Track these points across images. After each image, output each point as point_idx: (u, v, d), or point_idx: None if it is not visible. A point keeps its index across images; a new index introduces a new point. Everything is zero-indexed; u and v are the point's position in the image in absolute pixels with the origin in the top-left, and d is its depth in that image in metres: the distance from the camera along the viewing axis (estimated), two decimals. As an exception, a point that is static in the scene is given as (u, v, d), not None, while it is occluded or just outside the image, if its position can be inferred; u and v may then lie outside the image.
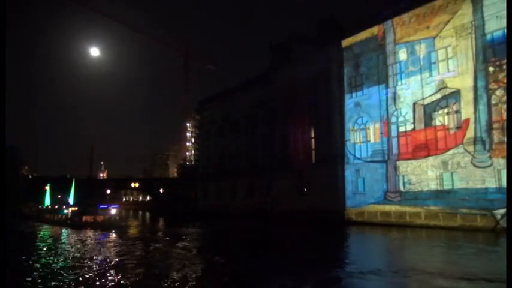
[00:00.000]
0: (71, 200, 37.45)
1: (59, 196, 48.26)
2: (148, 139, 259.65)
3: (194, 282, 10.43)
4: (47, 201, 43.43)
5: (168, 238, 23.44)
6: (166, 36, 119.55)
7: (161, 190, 73.13)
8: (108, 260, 14.31)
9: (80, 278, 10.98)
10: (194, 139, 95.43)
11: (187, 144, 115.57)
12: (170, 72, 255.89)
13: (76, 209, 32.39)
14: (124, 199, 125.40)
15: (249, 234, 26.60)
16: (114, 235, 24.62)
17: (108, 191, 71.29)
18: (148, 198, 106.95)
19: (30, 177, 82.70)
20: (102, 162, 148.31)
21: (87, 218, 30.49)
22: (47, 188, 44.53)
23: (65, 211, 33.41)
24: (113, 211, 34.90)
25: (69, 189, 42.13)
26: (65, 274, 11.70)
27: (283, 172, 37.93)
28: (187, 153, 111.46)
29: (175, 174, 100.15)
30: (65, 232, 27.54)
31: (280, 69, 39.50)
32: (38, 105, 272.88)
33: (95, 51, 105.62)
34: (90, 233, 25.98)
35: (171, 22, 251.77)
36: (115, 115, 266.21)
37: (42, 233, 28.28)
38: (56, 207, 39.93)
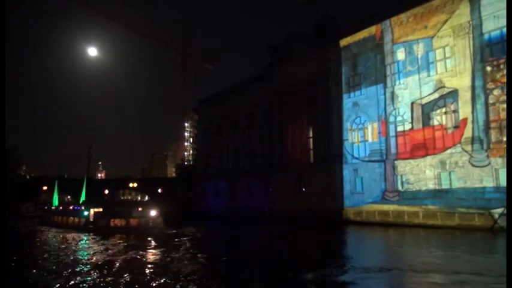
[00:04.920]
0: (81, 200, 34.85)
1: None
2: (147, 139, 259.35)
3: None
4: (55, 201, 41.38)
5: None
6: (164, 35, 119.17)
7: (159, 190, 73.06)
8: None
9: None
10: (192, 139, 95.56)
11: (186, 144, 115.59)
12: (168, 72, 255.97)
13: (101, 210, 26.72)
14: (122, 199, 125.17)
15: (252, 235, 26.58)
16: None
17: (107, 191, 71.07)
18: (146, 198, 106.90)
19: (27, 177, 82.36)
20: (100, 162, 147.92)
21: (118, 221, 25.00)
22: (54, 186, 42.03)
23: (86, 213, 27.46)
24: (153, 212, 26.64)
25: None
26: None
27: (281, 172, 37.94)
28: (186, 153, 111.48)
29: (174, 174, 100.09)
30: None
31: (279, 69, 39.50)
32: (35, 104, 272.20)
33: (93, 51, 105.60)
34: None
35: (169, 22, 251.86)
36: (113, 115, 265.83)
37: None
38: (71, 207, 33.48)
